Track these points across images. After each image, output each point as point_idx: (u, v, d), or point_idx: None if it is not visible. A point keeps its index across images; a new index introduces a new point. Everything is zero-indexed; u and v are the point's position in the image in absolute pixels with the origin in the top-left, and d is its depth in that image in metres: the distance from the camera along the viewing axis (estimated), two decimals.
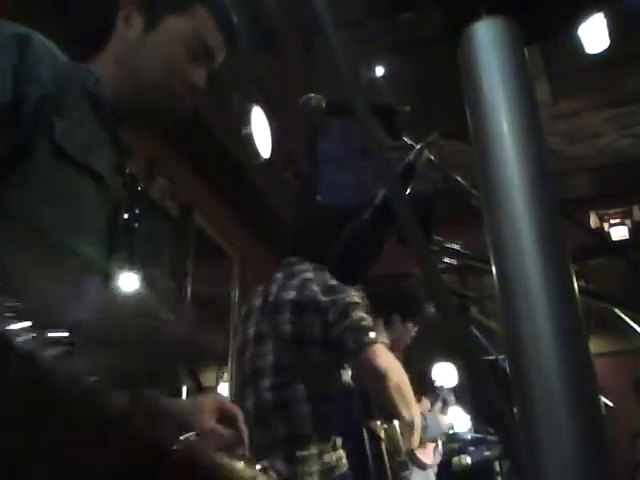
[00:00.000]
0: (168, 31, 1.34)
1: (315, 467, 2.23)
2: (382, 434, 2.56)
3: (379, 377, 2.27)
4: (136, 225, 1.33)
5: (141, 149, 4.41)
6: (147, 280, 1.35)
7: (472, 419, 4.34)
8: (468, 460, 3.82)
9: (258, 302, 2.59)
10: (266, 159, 5.35)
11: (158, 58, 1.32)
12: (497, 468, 3.78)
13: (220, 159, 4.99)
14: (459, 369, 4.63)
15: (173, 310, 0.91)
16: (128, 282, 1.33)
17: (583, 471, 0.43)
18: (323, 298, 2.35)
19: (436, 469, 4.06)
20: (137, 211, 1.34)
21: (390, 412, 2.42)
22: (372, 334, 2.29)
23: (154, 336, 0.78)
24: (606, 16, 4.55)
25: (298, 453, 2.23)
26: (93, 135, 1.23)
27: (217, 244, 5.58)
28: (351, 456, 2.35)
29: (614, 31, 4.77)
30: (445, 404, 4.44)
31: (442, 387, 4.63)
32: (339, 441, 2.33)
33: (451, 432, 4.12)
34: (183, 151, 4.82)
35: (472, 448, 3.95)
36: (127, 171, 1.34)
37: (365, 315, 2.34)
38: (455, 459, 3.88)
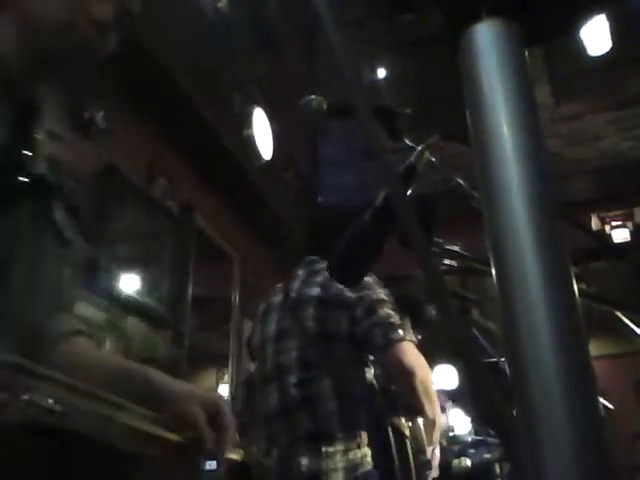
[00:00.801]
0: None
1: (340, 464, 2.24)
2: (407, 432, 2.56)
3: (406, 374, 2.30)
4: (25, 179, 1.08)
5: (142, 149, 4.42)
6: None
7: (472, 421, 4.34)
8: (468, 462, 3.81)
9: (278, 299, 2.59)
10: (267, 160, 5.37)
11: (56, 26, 1.10)
12: (497, 470, 3.77)
13: (221, 160, 5.00)
14: (460, 371, 4.63)
15: None
16: None
17: (582, 473, 0.43)
18: (349, 294, 2.36)
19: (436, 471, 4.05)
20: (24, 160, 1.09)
21: (415, 409, 2.44)
22: (400, 331, 2.32)
23: None
24: (608, 18, 4.55)
25: (324, 449, 2.25)
26: None
27: (218, 245, 5.59)
28: (376, 454, 2.36)
29: (616, 33, 4.78)
30: (445, 406, 4.44)
31: (442, 390, 4.63)
32: (364, 439, 2.34)
33: (451, 434, 4.12)
34: (184, 152, 4.83)
35: (472, 450, 3.94)
36: (30, 134, 1.12)
37: (392, 312, 2.37)
38: (455, 461, 3.87)
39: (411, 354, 2.32)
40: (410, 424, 2.60)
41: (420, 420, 2.65)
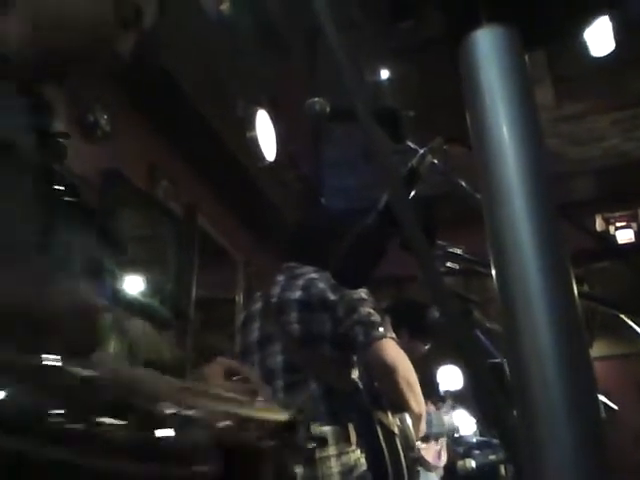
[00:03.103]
0: None
1: (335, 468, 2.24)
2: (396, 430, 2.57)
3: (388, 371, 2.32)
4: (60, 187, 1.08)
5: (144, 151, 4.43)
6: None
7: (477, 422, 4.33)
8: (473, 464, 3.80)
9: (258, 306, 2.60)
10: (270, 162, 5.36)
11: (85, 22, 1.09)
12: (502, 472, 3.77)
13: (224, 162, 5.00)
14: (463, 372, 4.62)
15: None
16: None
17: (583, 474, 0.43)
18: (330, 295, 2.38)
19: (442, 472, 4.05)
20: (58, 170, 1.09)
21: (400, 405, 2.45)
22: (381, 329, 2.34)
23: None
24: (611, 19, 4.55)
25: (317, 454, 2.24)
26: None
27: (221, 247, 5.59)
28: (367, 455, 2.36)
29: (619, 34, 4.77)
30: (450, 407, 4.44)
31: (447, 391, 4.63)
32: (354, 439, 2.34)
33: (456, 435, 4.11)
34: (187, 154, 4.83)
35: (477, 451, 3.94)
36: (47, 130, 1.11)
37: (373, 311, 2.38)
38: (460, 463, 3.87)
39: (392, 350, 2.34)
40: (399, 423, 2.61)
41: (408, 418, 2.66)
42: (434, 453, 3.98)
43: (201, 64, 4.61)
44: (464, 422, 4.30)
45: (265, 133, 5.28)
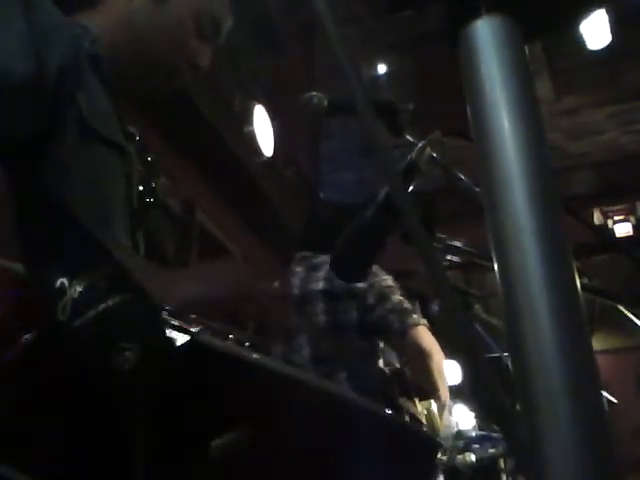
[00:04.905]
0: (179, 4, 1.22)
1: None
2: (423, 419, 2.57)
3: (424, 356, 2.35)
4: (151, 199, 1.24)
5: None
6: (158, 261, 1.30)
7: (476, 417, 4.33)
8: (472, 458, 3.80)
9: None
10: (268, 157, 5.35)
11: (166, 34, 1.21)
12: (502, 465, 3.77)
13: (222, 158, 4.99)
14: (462, 366, 4.62)
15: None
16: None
17: (586, 467, 0.43)
18: (358, 283, 2.37)
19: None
20: (152, 184, 1.25)
21: (430, 390, 2.46)
22: (415, 316, 2.36)
23: None
24: (608, 12, 4.54)
25: None
26: (104, 101, 1.14)
27: (219, 243, 5.58)
28: None
29: (616, 27, 4.77)
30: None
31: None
32: None
33: (455, 430, 4.11)
34: (184, 149, 4.82)
35: (477, 445, 3.93)
36: (136, 137, 1.24)
37: (403, 298, 2.39)
38: (459, 457, 3.87)
39: (427, 337, 2.37)
40: (425, 412, 2.61)
41: (434, 408, 2.66)
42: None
43: None
44: (463, 416, 4.30)
45: (262, 128, 5.26)
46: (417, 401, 2.57)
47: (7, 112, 0.94)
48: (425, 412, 2.62)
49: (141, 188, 1.20)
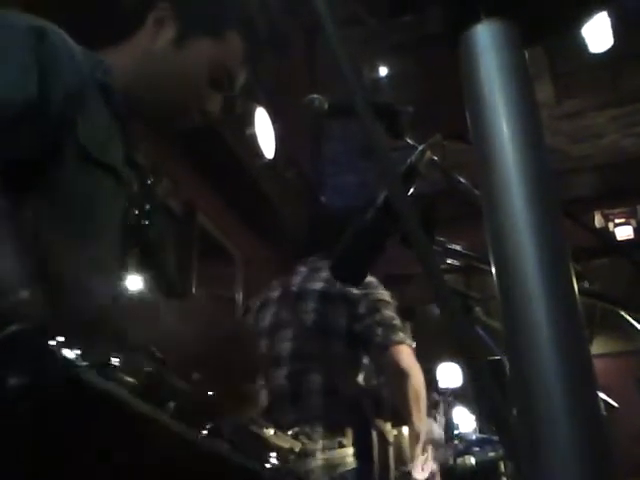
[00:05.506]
0: (197, 53, 1.28)
1: (319, 461, 2.23)
2: (391, 438, 2.56)
3: (401, 376, 2.31)
4: (146, 222, 1.29)
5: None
6: (158, 280, 1.35)
7: (477, 419, 4.34)
8: (472, 461, 3.80)
9: (275, 294, 2.60)
10: (269, 160, 5.35)
11: (181, 80, 1.27)
12: (502, 469, 3.77)
13: (223, 160, 4.99)
14: (463, 369, 4.63)
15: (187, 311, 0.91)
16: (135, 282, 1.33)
17: (583, 471, 0.43)
18: (354, 291, 2.37)
19: None
20: (147, 207, 1.30)
21: (403, 415, 2.44)
22: (401, 334, 2.33)
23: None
24: (610, 15, 4.54)
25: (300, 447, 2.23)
26: (107, 126, 1.18)
27: (221, 244, 5.58)
28: (358, 456, 2.36)
29: (618, 30, 4.77)
30: (446, 407, 4.44)
31: (447, 388, 4.63)
32: (349, 439, 2.33)
33: (456, 432, 4.11)
34: (186, 151, 4.82)
35: (477, 448, 3.94)
36: (138, 163, 1.29)
37: (395, 315, 2.38)
38: (459, 460, 3.87)
39: (408, 358, 2.34)
40: (395, 432, 2.60)
41: (406, 432, 2.65)
42: (419, 467, 3.96)
43: None
44: (463, 419, 4.31)
45: (264, 130, 5.27)
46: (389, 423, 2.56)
47: (6, 140, 0.98)
48: (395, 432, 2.61)
49: (137, 212, 1.27)
